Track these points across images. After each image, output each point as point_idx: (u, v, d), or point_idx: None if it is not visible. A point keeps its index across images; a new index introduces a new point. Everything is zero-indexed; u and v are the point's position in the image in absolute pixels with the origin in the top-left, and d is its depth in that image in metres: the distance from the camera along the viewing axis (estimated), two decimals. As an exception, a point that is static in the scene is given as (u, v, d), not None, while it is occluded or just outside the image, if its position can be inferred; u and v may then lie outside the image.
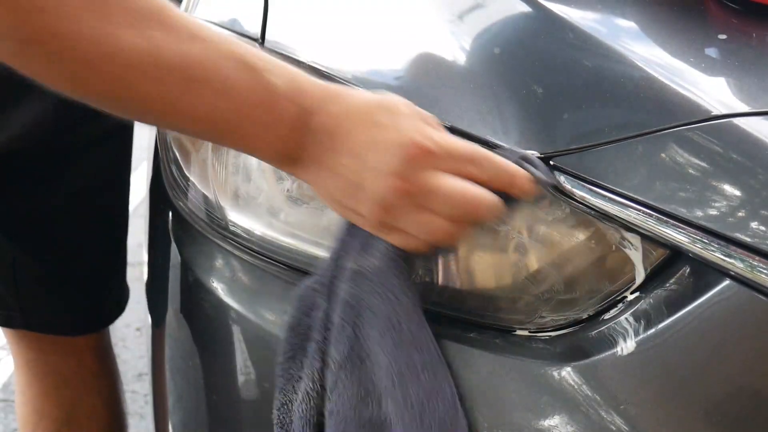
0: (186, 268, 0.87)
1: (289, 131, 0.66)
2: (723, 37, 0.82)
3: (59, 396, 1.27)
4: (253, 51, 0.65)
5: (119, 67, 0.59)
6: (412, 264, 0.71)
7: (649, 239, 0.69)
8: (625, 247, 0.70)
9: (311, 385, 0.71)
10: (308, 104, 0.66)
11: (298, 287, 0.74)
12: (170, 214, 0.92)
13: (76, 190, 1.13)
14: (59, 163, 1.10)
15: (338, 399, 0.70)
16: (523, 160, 0.69)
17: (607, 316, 0.71)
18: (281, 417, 0.74)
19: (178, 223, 0.91)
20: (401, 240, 0.68)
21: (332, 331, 0.71)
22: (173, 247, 0.90)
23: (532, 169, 0.68)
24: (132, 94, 0.61)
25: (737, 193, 0.68)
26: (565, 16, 0.78)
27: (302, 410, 0.71)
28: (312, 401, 0.71)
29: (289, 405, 0.73)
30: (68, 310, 1.20)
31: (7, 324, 1.21)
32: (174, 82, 0.61)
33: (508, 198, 0.68)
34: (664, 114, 0.71)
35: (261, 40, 0.85)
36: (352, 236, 0.71)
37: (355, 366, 0.69)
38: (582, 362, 0.69)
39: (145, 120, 0.67)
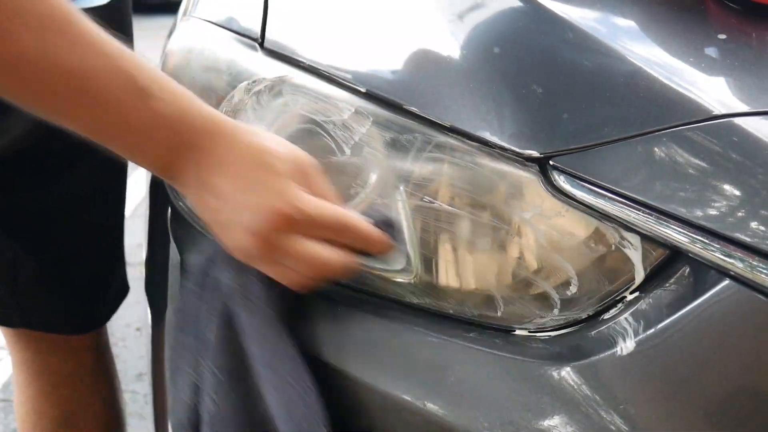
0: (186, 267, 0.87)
1: (167, 154, 0.69)
2: (723, 37, 0.82)
3: (58, 395, 1.27)
4: (149, 73, 0.68)
5: (15, 65, 0.62)
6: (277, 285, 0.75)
7: (649, 239, 0.69)
8: (624, 247, 0.70)
9: (190, 388, 0.76)
10: (188, 138, 0.69)
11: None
12: (169, 213, 0.92)
13: (76, 190, 1.13)
14: (60, 163, 1.10)
15: (222, 401, 0.74)
16: (382, 223, 0.74)
17: (606, 316, 0.71)
18: (176, 421, 0.78)
19: (177, 223, 0.91)
20: (263, 270, 0.74)
21: (210, 338, 0.75)
22: (172, 246, 0.90)
23: (390, 231, 0.74)
24: (25, 93, 0.64)
25: (737, 193, 0.67)
26: (565, 15, 0.78)
27: (183, 405, 0.77)
28: (195, 401, 0.76)
29: (179, 400, 0.77)
30: (67, 310, 1.20)
31: (6, 323, 1.21)
32: (64, 90, 0.64)
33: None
34: (664, 114, 0.71)
35: (261, 40, 0.85)
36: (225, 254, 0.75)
37: (238, 372, 0.74)
38: (581, 362, 0.69)
39: (31, 111, 0.69)
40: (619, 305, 0.71)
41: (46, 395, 1.27)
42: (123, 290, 1.28)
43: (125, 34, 1.12)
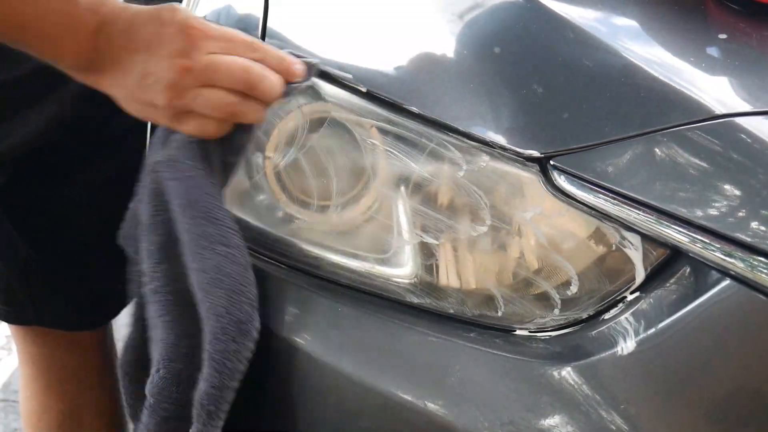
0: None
1: (88, 38, 0.71)
2: (723, 36, 0.82)
3: (63, 390, 1.27)
4: None
5: None
6: (210, 148, 0.75)
7: (650, 239, 0.69)
8: (625, 247, 0.70)
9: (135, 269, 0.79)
10: (106, 12, 0.72)
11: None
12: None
13: (91, 190, 1.14)
14: (73, 166, 1.10)
15: (153, 281, 0.76)
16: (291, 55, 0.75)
17: (607, 315, 0.71)
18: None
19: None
20: (195, 126, 0.74)
21: (143, 222, 0.77)
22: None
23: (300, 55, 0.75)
24: None
25: (737, 192, 0.67)
26: (565, 15, 0.78)
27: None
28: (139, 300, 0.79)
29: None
30: (78, 306, 1.21)
31: (19, 321, 1.21)
32: None
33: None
34: (665, 113, 0.71)
35: (262, 36, 0.85)
36: (156, 138, 0.78)
37: (169, 249, 0.75)
38: (582, 362, 0.69)
39: None
40: (620, 305, 0.71)
41: (52, 390, 1.27)
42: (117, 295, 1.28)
43: None
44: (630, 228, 0.70)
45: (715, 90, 0.73)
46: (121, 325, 1.24)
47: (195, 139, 0.74)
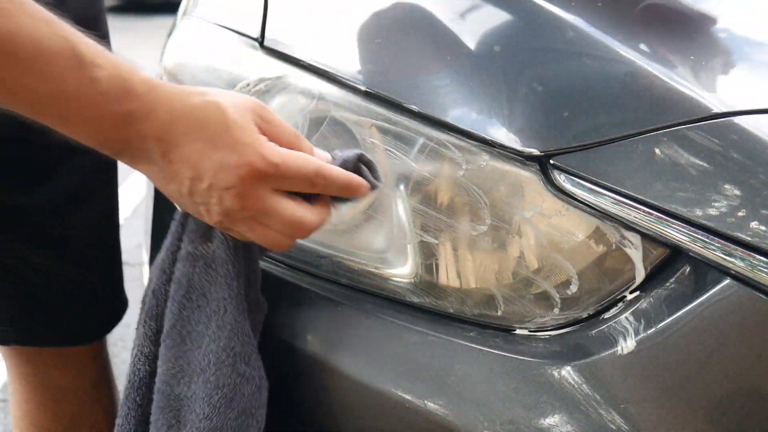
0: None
1: (112, 129, 0.65)
2: (723, 36, 0.82)
3: (59, 409, 1.24)
4: (87, 41, 0.64)
5: None
6: (249, 252, 0.74)
7: (650, 238, 0.69)
8: (625, 246, 0.70)
9: (137, 352, 0.76)
10: (134, 108, 0.65)
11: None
12: (170, 214, 0.92)
13: (66, 193, 1.11)
14: (43, 165, 1.08)
15: (159, 372, 0.74)
16: (358, 162, 0.72)
17: (607, 315, 0.71)
18: (131, 376, 0.77)
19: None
20: (238, 236, 0.72)
21: (164, 305, 0.75)
22: (173, 246, 0.90)
23: (366, 171, 0.72)
24: None
25: (737, 192, 0.68)
26: (565, 14, 0.78)
27: (133, 375, 0.76)
28: (139, 366, 0.76)
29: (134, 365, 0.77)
30: (65, 320, 1.18)
31: (1, 342, 1.17)
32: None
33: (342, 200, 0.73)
34: (665, 113, 0.71)
35: (261, 39, 0.85)
36: (192, 221, 0.74)
37: (175, 342, 0.73)
38: (582, 361, 0.69)
39: None
40: (620, 304, 0.71)
41: (46, 409, 1.23)
42: (122, 304, 1.26)
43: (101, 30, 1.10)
44: (630, 227, 0.70)
45: (714, 89, 0.73)
46: (117, 328, 1.24)
47: (237, 243, 0.73)
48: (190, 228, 0.74)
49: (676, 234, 0.68)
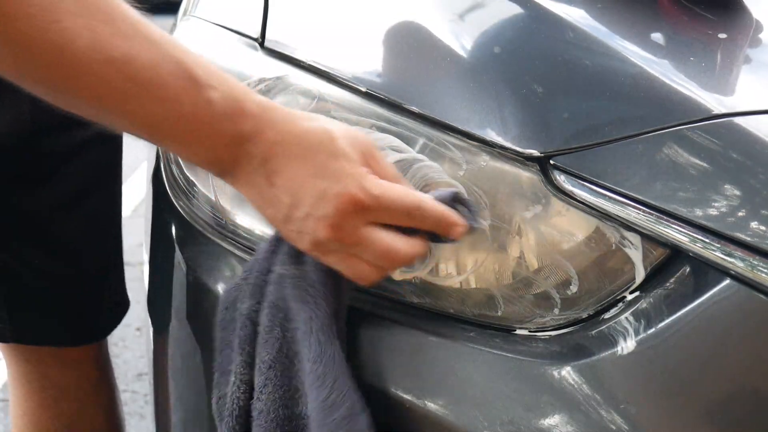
0: (186, 267, 0.87)
1: (223, 148, 0.66)
2: (723, 36, 0.82)
3: (59, 409, 1.23)
4: (198, 61, 0.65)
5: (61, 56, 0.59)
6: (339, 279, 0.72)
7: (650, 238, 0.69)
8: (625, 247, 0.70)
9: (236, 380, 0.74)
10: (247, 128, 0.65)
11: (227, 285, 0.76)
12: (171, 214, 0.92)
13: (65, 195, 1.11)
14: (44, 167, 1.07)
15: (267, 398, 0.72)
16: (455, 202, 0.71)
17: (607, 315, 0.71)
18: (219, 409, 0.76)
19: (178, 223, 0.91)
20: (333, 264, 0.71)
21: (260, 331, 0.73)
22: (174, 246, 0.90)
23: (464, 210, 0.71)
24: (71, 86, 0.61)
25: (737, 192, 0.68)
26: (565, 15, 0.79)
27: (231, 403, 0.75)
28: (239, 395, 0.74)
29: (225, 398, 0.76)
30: (61, 323, 1.17)
31: None
32: (114, 80, 0.60)
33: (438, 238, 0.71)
34: (665, 113, 0.71)
35: (261, 39, 0.85)
36: (282, 240, 0.73)
37: (285, 366, 0.72)
38: (582, 361, 0.69)
39: (83, 113, 0.66)
40: (620, 305, 0.71)
41: (46, 408, 1.23)
42: (123, 305, 1.25)
43: None
44: (630, 227, 0.70)
45: (714, 89, 0.73)
46: (118, 328, 1.24)
47: (328, 267, 0.71)
48: (283, 251, 0.73)
49: (676, 234, 0.68)
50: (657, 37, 0.82)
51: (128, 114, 0.63)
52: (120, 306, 1.24)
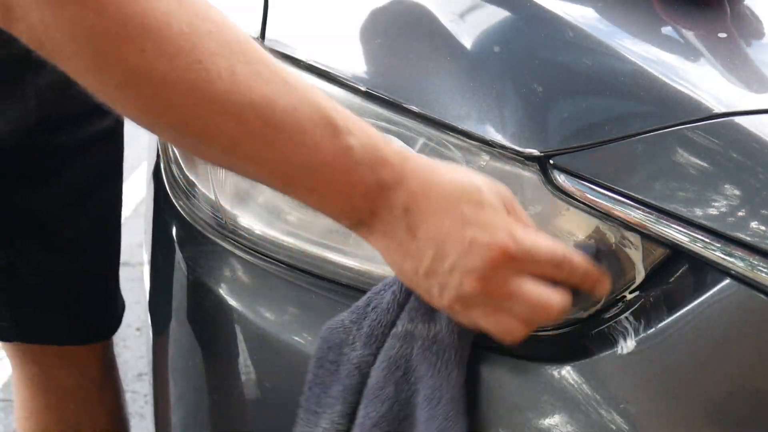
0: (187, 267, 0.87)
1: (363, 200, 0.63)
2: (723, 35, 0.82)
3: (64, 410, 1.23)
4: (336, 106, 0.62)
5: (200, 98, 0.56)
6: (470, 341, 0.70)
7: (650, 238, 0.69)
8: (625, 246, 0.71)
9: (331, 427, 0.71)
10: (387, 177, 0.62)
11: (330, 321, 0.73)
12: (171, 214, 0.92)
13: (71, 192, 1.11)
14: (50, 164, 1.08)
15: None
16: (597, 256, 0.69)
17: (607, 315, 0.71)
18: None
19: (179, 223, 0.91)
20: (467, 322, 0.67)
21: (370, 384, 0.70)
22: (174, 246, 0.90)
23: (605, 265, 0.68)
24: (207, 129, 0.58)
25: (737, 192, 0.68)
26: (564, 15, 0.79)
27: None
28: None
29: None
30: (69, 319, 1.17)
31: (2, 338, 1.16)
32: (251, 123, 0.58)
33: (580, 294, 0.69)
34: (665, 113, 0.71)
35: (261, 39, 0.85)
36: (410, 293, 0.70)
37: (392, 427, 0.69)
38: (582, 361, 0.69)
39: (216, 160, 0.64)
40: (620, 304, 0.71)
41: (51, 410, 1.23)
42: (121, 304, 1.25)
43: None
44: (630, 227, 0.70)
45: (715, 89, 0.73)
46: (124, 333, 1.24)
47: (464, 330, 0.68)
48: (412, 306, 0.70)
49: (676, 234, 0.68)
50: (657, 36, 0.82)
51: (264, 161, 0.60)
52: (120, 306, 1.24)
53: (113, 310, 1.23)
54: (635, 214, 0.69)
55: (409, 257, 0.64)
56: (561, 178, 0.71)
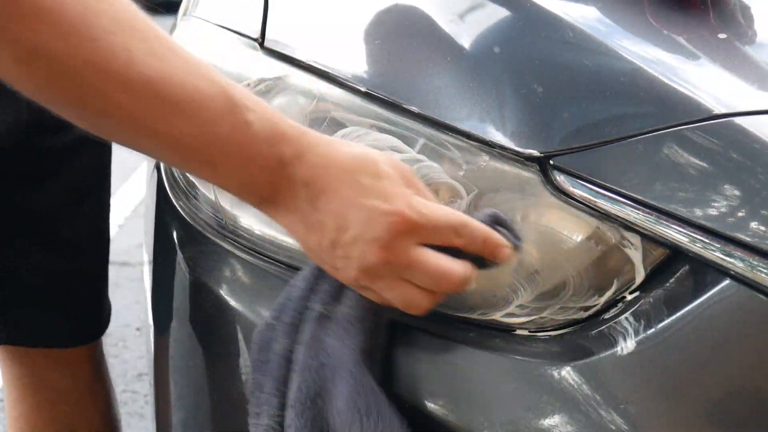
0: (187, 268, 0.87)
1: (263, 174, 0.64)
2: (723, 36, 0.82)
3: (55, 411, 1.23)
4: (232, 83, 0.63)
5: (96, 75, 0.57)
6: (380, 314, 0.72)
7: (649, 239, 0.69)
8: (625, 247, 0.71)
9: (271, 422, 0.72)
10: (286, 151, 0.64)
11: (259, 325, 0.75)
12: (171, 214, 0.92)
13: (67, 192, 1.11)
14: (45, 165, 1.08)
15: (303, 427, 0.70)
16: (495, 223, 0.70)
17: (607, 315, 0.71)
18: None
19: (179, 224, 0.91)
20: (374, 297, 0.69)
21: (295, 370, 0.71)
22: (174, 247, 0.90)
23: (505, 232, 0.70)
24: (105, 106, 0.59)
25: (737, 192, 0.68)
26: (565, 15, 0.79)
27: None
28: None
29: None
30: (60, 321, 1.17)
31: None
32: (148, 100, 0.59)
33: (483, 261, 0.70)
34: (665, 113, 0.71)
35: (261, 39, 0.85)
36: (320, 277, 0.72)
37: (315, 406, 0.70)
38: (582, 362, 0.69)
39: (116, 137, 0.64)
40: (620, 305, 0.71)
41: (41, 410, 1.22)
42: (108, 308, 1.25)
43: None
44: (630, 228, 0.70)
45: (715, 89, 0.73)
46: (118, 328, 1.24)
47: (370, 305, 0.70)
48: (322, 289, 0.71)
49: (676, 234, 0.68)
50: (657, 36, 0.82)
51: (162, 136, 0.61)
52: (107, 309, 1.24)
53: (104, 310, 1.23)
54: (635, 215, 0.69)
55: (313, 231, 0.65)
56: (561, 179, 0.71)
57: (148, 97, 0.59)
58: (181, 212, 0.90)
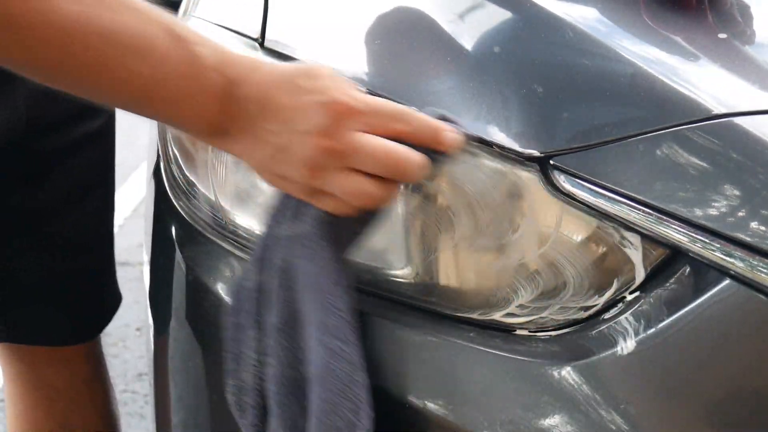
0: (186, 267, 0.88)
1: (215, 101, 0.66)
2: (723, 36, 0.82)
3: (53, 408, 1.23)
4: (180, 23, 0.67)
5: (48, 29, 0.60)
6: (343, 226, 0.72)
7: (649, 239, 0.69)
8: (625, 247, 0.71)
9: (253, 356, 0.73)
10: (234, 74, 0.66)
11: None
12: (171, 214, 0.92)
13: (65, 192, 1.11)
14: (39, 166, 1.08)
15: (276, 362, 0.72)
16: (442, 119, 0.70)
17: (607, 315, 0.71)
18: (238, 401, 0.75)
19: (178, 223, 0.91)
20: (330, 204, 0.69)
21: (267, 298, 0.73)
22: (174, 246, 0.90)
23: (453, 124, 0.70)
24: (58, 58, 0.62)
25: (737, 192, 0.68)
26: (565, 15, 0.79)
27: (252, 383, 0.74)
28: (257, 371, 0.73)
29: (241, 385, 0.75)
30: (60, 319, 1.17)
31: None
32: (101, 48, 0.62)
33: (433, 155, 0.69)
34: (665, 113, 0.71)
35: (261, 39, 0.85)
36: (284, 206, 0.73)
37: (292, 328, 0.72)
38: (582, 362, 0.69)
39: (71, 88, 0.67)
40: (620, 305, 0.71)
41: (41, 408, 1.23)
42: (115, 300, 1.26)
43: None
44: (630, 228, 0.70)
45: (714, 89, 0.73)
46: (118, 328, 1.24)
47: (330, 218, 0.70)
48: (286, 216, 0.73)
49: (676, 234, 0.68)
50: (657, 37, 0.82)
51: (117, 81, 0.64)
52: (111, 303, 1.24)
53: (103, 307, 1.23)
54: (635, 215, 0.69)
55: (260, 143, 0.68)
56: (561, 179, 0.71)
57: (99, 45, 0.62)
58: (181, 212, 0.90)
